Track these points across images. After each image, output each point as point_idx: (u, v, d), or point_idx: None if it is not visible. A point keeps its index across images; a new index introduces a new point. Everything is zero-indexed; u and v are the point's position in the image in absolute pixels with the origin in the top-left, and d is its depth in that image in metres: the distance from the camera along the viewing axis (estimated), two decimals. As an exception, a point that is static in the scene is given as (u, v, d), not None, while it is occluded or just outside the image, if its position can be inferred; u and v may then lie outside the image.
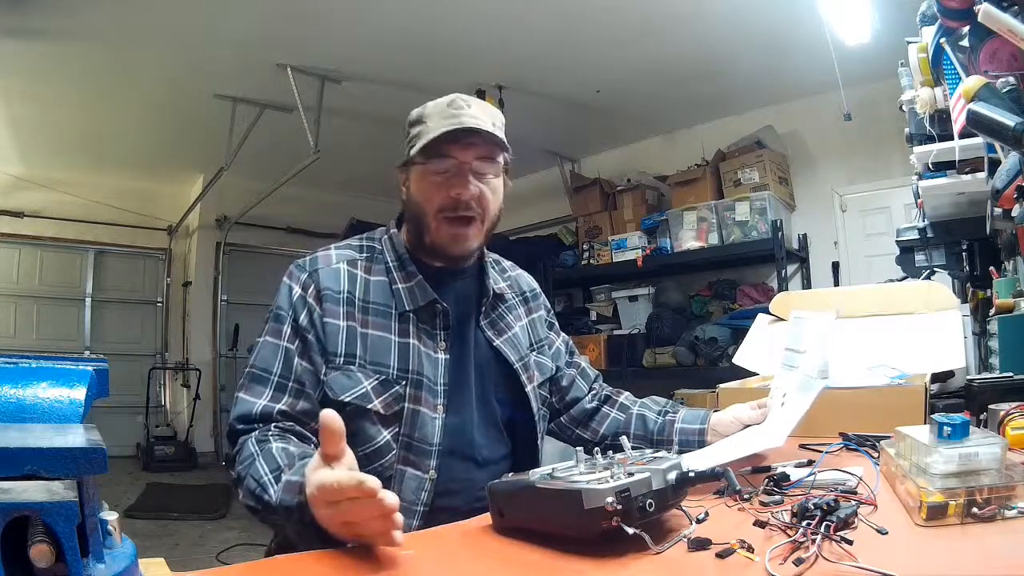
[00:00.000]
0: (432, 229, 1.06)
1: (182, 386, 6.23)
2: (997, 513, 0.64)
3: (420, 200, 1.06)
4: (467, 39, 3.69)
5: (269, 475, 0.85)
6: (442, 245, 1.07)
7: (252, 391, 0.99)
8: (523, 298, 1.25)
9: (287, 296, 1.04)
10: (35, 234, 5.76)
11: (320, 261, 1.07)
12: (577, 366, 1.29)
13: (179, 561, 2.88)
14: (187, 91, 4.18)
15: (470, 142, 1.03)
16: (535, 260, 4.92)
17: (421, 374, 1.02)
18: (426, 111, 1.06)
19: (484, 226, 1.09)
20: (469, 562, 0.67)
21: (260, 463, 0.87)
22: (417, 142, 1.05)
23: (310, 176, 4.71)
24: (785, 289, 3.95)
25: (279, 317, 1.03)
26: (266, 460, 0.87)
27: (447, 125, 1.02)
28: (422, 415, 1.01)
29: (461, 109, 1.04)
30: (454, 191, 1.03)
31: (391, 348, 1.03)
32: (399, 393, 1.01)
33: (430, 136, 1.02)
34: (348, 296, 1.04)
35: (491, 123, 1.05)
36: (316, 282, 1.03)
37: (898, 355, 1.34)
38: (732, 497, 0.75)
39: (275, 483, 0.83)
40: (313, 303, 1.02)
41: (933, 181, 2.05)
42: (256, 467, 0.87)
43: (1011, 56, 1.09)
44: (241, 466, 0.91)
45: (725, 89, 4.32)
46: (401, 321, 1.05)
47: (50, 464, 0.40)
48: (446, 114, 1.04)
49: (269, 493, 0.83)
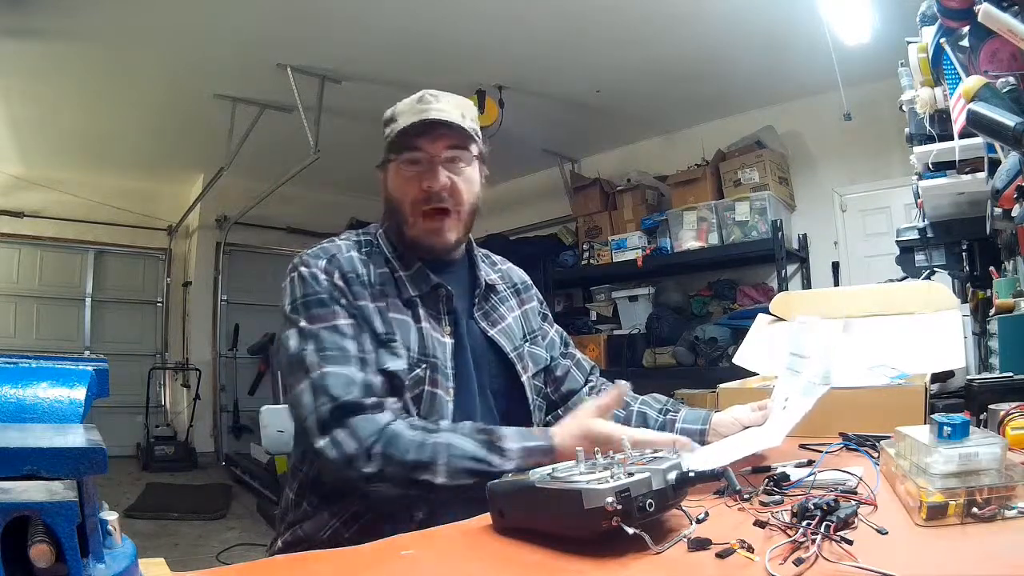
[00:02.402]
0: (410, 224, 1.08)
1: (182, 386, 6.24)
2: (997, 513, 0.64)
3: (396, 196, 1.08)
4: (467, 39, 3.69)
5: (481, 449, 0.90)
6: (420, 239, 1.08)
7: (339, 367, 0.95)
8: (515, 290, 1.26)
9: (315, 282, 1.02)
10: (35, 234, 5.76)
11: (332, 249, 1.08)
12: (572, 357, 1.30)
13: (179, 561, 2.88)
14: (187, 91, 4.18)
15: (439, 134, 1.05)
16: (535, 260, 4.92)
17: (436, 357, 1.04)
18: (397, 109, 1.08)
19: (461, 217, 1.10)
20: (469, 562, 0.67)
21: (459, 442, 0.90)
22: (390, 139, 1.07)
23: (310, 176, 4.71)
24: (785, 289, 3.94)
25: (322, 301, 1.00)
26: (461, 438, 0.91)
27: (414, 119, 1.03)
28: (438, 397, 1.03)
29: (429, 104, 1.06)
30: (425, 183, 1.05)
31: (411, 331, 1.04)
32: (419, 376, 1.03)
33: (398, 130, 1.04)
34: (367, 279, 1.05)
35: (460, 114, 1.07)
36: (339, 267, 1.04)
37: (898, 355, 1.34)
38: (732, 497, 0.75)
39: (492, 453, 0.89)
40: (343, 285, 1.03)
41: (933, 181, 2.04)
42: (458, 448, 0.90)
43: (1011, 56, 1.09)
44: (418, 452, 0.90)
45: (725, 89, 4.32)
46: (409, 306, 1.06)
47: (50, 464, 0.40)
48: (415, 109, 1.05)
49: (495, 462, 0.88)
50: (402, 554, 0.67)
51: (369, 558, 0.68)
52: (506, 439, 0.91)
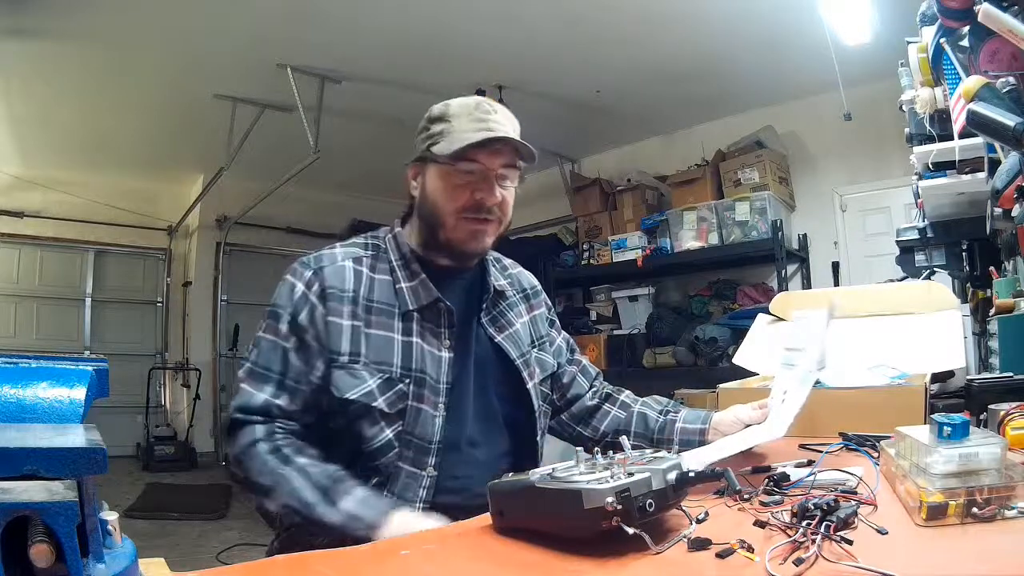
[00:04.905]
0: (449, 227, 1.06)
1: (182, 386, 6.24)
2: (997, 513, 0.64)
3: (438, 199, 1.06)
4: (467, 39, 3.69)
5: (314, 493, 0.91)
6: (459, 242, 1.07)
7: (253, 385, 1.01)
8: (524, 295, 1.25)
9: (288, 294, 1.05)
10: (35, 234, 5.76)
11: (325, 259, 1.07)
12: (578, 363, 1.30)
13: (179, 561, 2.87)
14: (187, 91, 4.18)
15: (497, 149, 1.04)
16: (535, 260, 4.91)
17: (424, 372, 1.03)
18: (450, 110, 1.06)
19: (500, 228, 1.10)
20: (469, 562, 0.67)
21: (298, 482, 0.92)
22: (440, 140, 1.04)
23: (310, 176, 4.71)
24: (785, 289, 3.95)
25: (277, 315, 1.04)
26: (303, 478, 0.93)
27: (477, 130, 1.03)
28: (423, 413, 1.02)
29: (488, 114, 1.05)
30: (479, 195, 1.04)
31: (394, 347, 1.03)
32: (402, 391, 1.02)
33: (464, 142, 1.01)
34: (352, 295, 1.04)
35: (514, 130, 1.07)
36: (320, 280, 1.04)
37: (898, 355, 1.34)
38: (732, 497, 0.75)
39: (322, 502, 0.90)
40: (316, 301, 1.03)
41: (933, 181, 2.05)
42: (293, 485, 0.92)
43: (1011, 56, 1.09)
44: (263, 476, 0.94)
45: (725, 89, 4.32)
46: (405, 320, 1.05)
47: (50, 464, 0.40)
48: (474, 117, 1.05)
49: (319, 511, 0.90)
50: (402, 554, 0.67)
51: (369, 558, 0.68)
52: (346, 498, 0.91)
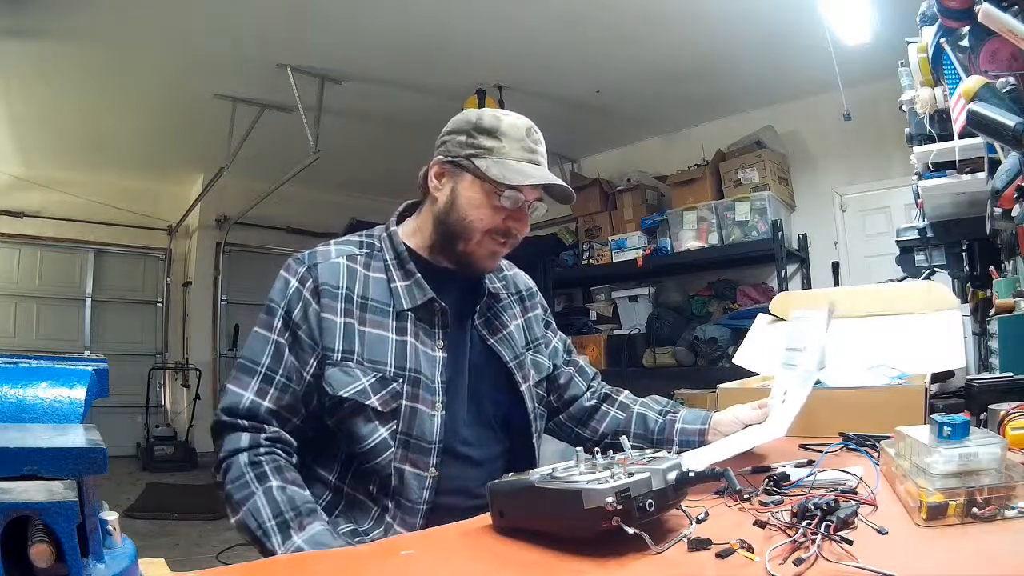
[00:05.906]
0: (474, 242, 1.06)
1: (182, 386, 6.24)
2: (997, 513, 0.64)
3: (470, 214, 1.05)
4: (467, 39, 3.69)
5: (272, 521, 0.91)
6: (478, 258, 1.08)
7: (240, 382, 1.01)
8: (519, 297, 1.25)
9: (282, 289, 1.05)
10: (35, 234, 5.76)
11: (319, 256, 1.07)
12: (575, 364, 1.30)
13: (179, 561, 2.88)
14: (187, 91, 4.18)
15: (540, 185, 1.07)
16: (535, 260, 4.92)
17: (418, 372, 1.03)
18: (502, 127, 1.06)
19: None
20: (469, 562, 0.67)
21: (262, 503, 0.92)
22: (489, 157, 1.04)
23: (310, 176, 4.71)
24: (785, 289, 3.95)
25: (271, 310, 1.04)
26: (268, 502, 0.92)
27: (526, 160, 1.05)
28: (420, 412, 1.02)
29: (537, 144, 1.09)
30: (511, 223, 1.06)
31: (388, 346, 1.03)
32: (396, 390, 1.01)
33: (518, 172, 1.03)
34: (347, 292, 1.04)
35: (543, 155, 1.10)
36: (314, 276, 1.04)
37: (898, 355, 1.34)
38: (732, 497, 0.75)
39: (277, 532, 0.90)
40: (310, 297, 1.03)
41: (933, 181, 2.04)
42: (257, 506, 0.92)
43: (1011, 56, 1.09)
44: (235, 488, 0.94)
45: (725, 89, 4.32)
46: (399, 319, 1.05)
47: (50, 464, 0.40)
48: (525, 145, 1.06)
49: (273, 542, 0.89)
50: (402, 554, 0.67)
51: (369, 558, 0.68)
52: (300, 534, 0.90)
